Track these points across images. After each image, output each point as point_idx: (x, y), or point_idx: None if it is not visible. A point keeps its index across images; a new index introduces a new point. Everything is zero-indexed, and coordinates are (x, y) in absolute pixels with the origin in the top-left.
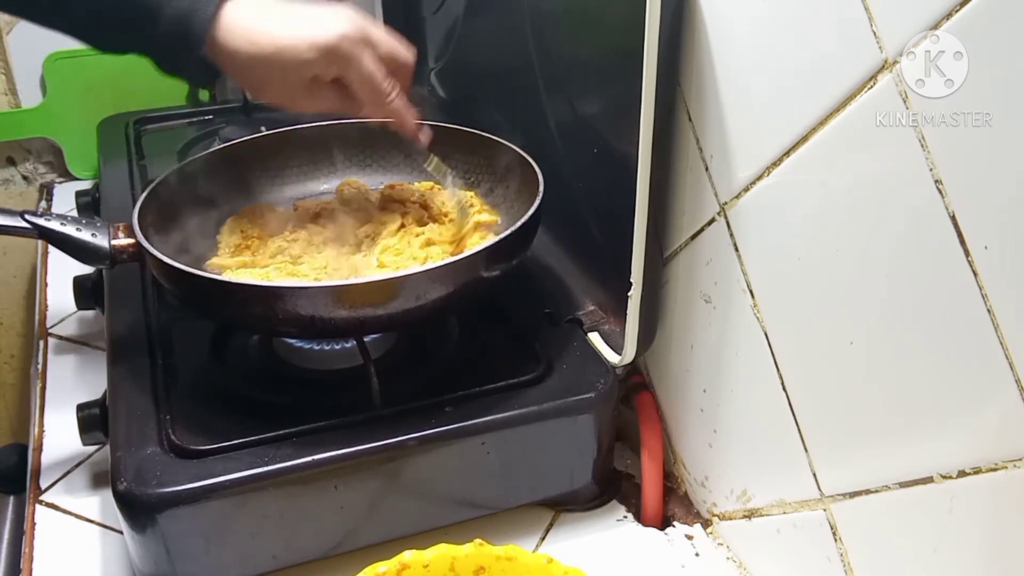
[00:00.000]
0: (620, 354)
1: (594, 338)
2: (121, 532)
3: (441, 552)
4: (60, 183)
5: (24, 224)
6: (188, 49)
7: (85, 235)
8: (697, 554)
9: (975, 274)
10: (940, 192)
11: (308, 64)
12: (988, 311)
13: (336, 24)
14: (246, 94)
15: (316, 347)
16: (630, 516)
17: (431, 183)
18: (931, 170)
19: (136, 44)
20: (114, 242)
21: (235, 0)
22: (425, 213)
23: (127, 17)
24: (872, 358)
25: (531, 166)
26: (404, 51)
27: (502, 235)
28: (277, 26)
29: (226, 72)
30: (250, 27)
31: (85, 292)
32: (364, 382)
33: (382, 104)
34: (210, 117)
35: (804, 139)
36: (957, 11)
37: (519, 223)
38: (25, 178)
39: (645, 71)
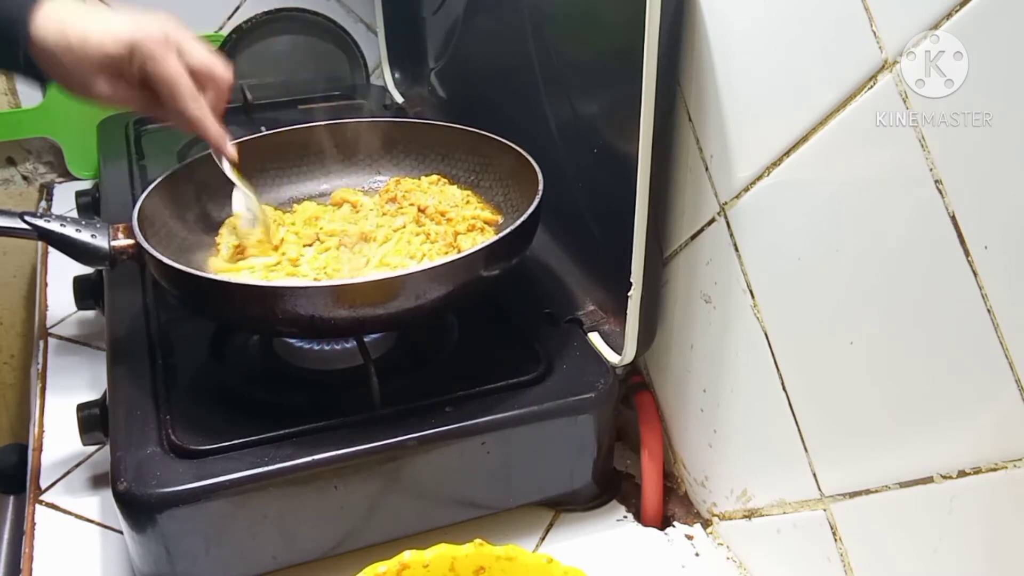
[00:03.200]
0: (620, 354)
1: (594, 338)
2: (121, 532)
3: (441, 552)
4: (60, 183)
5: (24, 225)
6: (12, 45)
7: (85, 236)
8: (697, 554)
9: (975, 274)
10: (940, 192)
11: (110, 56)
12: (988, 311)
13: (145, 24)
14: (246, 94)
15: (316, 347)
16: (630, 516)
17: (437, 177)
18: (931, 170)
19: None
20: (114, 243)
21: (55, 0)
22: (423, 213)
23: None
24: (872, 358)
25: (531, 166)
26: (221, 67)
27: (501, 234)
28: (89, 21)
29: (42, 67)
30: (63, 20)
31: (85, 292)
32: (364, 382)
33: (181, 108)
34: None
35: (804, 139)
36: (957, 11)
37: (519, 222)
38: (25, 178)
39: (645, 71)
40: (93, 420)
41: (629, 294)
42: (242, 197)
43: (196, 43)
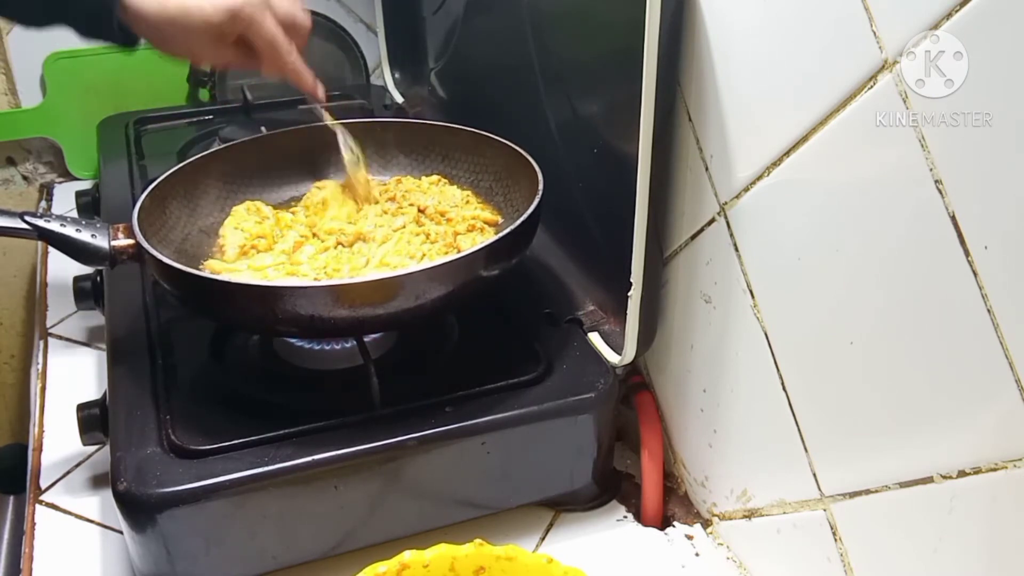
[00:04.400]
0: (620, 354)
1: (594, 338)
2: (121, 532)
3: (441, 552)
4: (60, 183)
5: (24, 225)
6: (106, 13)
7: (85, 236)
8: (697, 554)
9: (975, 274)
10: (940, 192)
11: (213, 24)
12: (988, 311)
13: None
14: (246, 94)
15: (316, 347)
16: (630, 516)
17: (437, 177)
18: (931, 170)
19: (57, 15)
20: (114, 243)
21: None
22: (423, 213)
23: None
24: (872, 358)
25: (531, 165)
26: (301, 14)
27: (501, 234)
28: None
29: (138, 32)
30: None
31: (85, 292)
32: (364, 382)
33: (281, 62)
34: (210, 117)
35: (804, 139)
36: (957, 11)
37: (519, 222)
38: (25, 178)
39: (645, 71)
40: (93, 420)
41: (629, 294)
42: (343, 139)
43: None
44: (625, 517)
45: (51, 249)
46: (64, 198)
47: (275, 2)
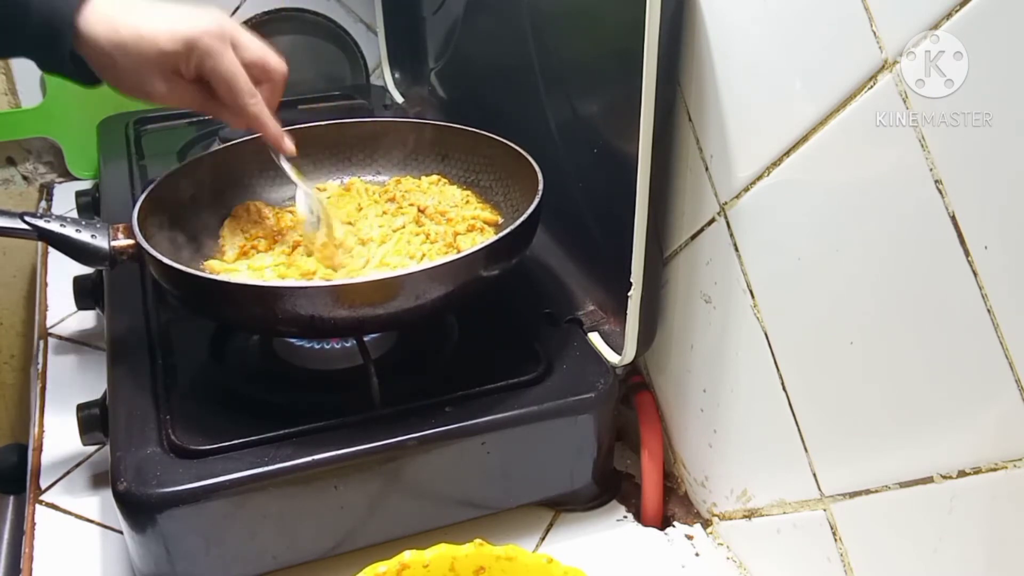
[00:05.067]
0: (620, 354)
1: (594, 338)
2: (121, 532)
3: (441, 552)
4: (60, 183)
5: (24, 226)
6: (59, 45)
7: (85, 236)
8: (697, 554)
9: (975, 274)
10: (940, 192)
11: (167, 54)
12: (988, 311)
13: (200, 20)
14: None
15: (316, 347)
16: (630, 516)
17: (437, 177)
18: (931, 170)
19: (10, 46)
20: (114, 243)
21: None
22: (423, 213)
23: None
24: (872, 358)
25: (531, 165)
26: (275, 60)
27: (501, 233)
28: (140, 17)
29: (91, 63)
30: (113, 17)
31: (85, 292)
32: (364, 382)
33: (241, 106)
34: (210, 117)
35: (804, 139)
36: (957, 11)
37: (518, 221)
38: (25, 178)
39: (645, 71)
40: (93, 420)
41: (629, 294)
42: (304, 197)
43: (249, 37)
44: (625, 517)
45: (51, 249)
46: (64, 198)
47: (241, 41)
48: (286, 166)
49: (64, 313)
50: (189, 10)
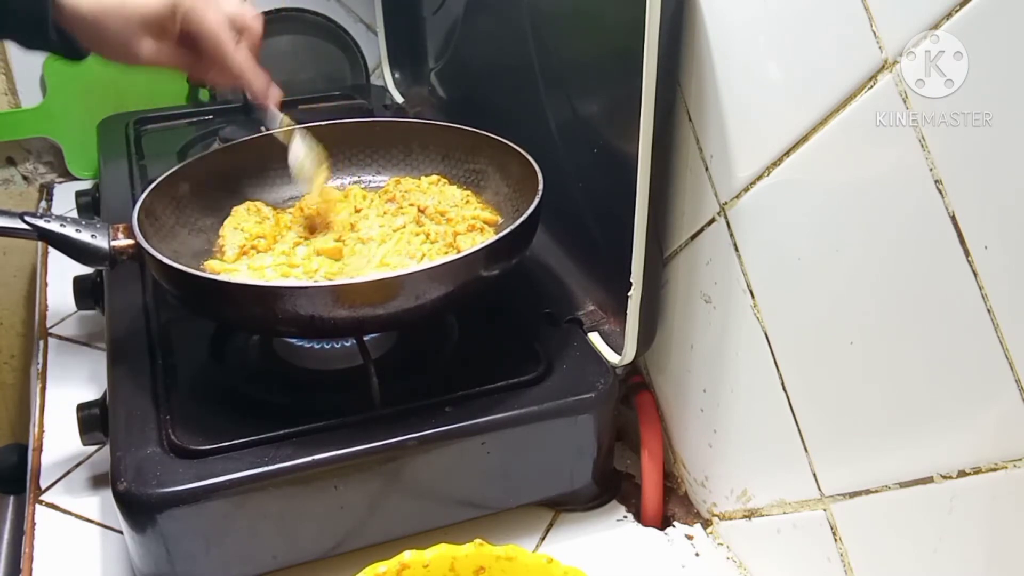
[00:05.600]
0: (620, 354)
1: (594, 338)
2: (121, 532)
3: (441, 552)
4: (60, 183)
5: (24, 226)
6: (41, 19)
7: (85, 236)
8: (697, 554)
9: (975, 274)
10: (940, 192)
11: (152, 14)
12: (988, 311)
13: None
14: (246, 94)
15: (316, 347)
16: (630, 516)
17: (436, 177)
18: (931, 170)
19: None
20: (114, 243)
21: None
22: (423, 213)
23: None
24: (872, 358)
25: (531, 165)
26: (252, 15)
27: (501, 233)
28: None
29: (76, 34)
30: None
31: (85, 292)
32: (364, 382)
33: (226, 59)
34: (210, 117)
35: (804, 139)
36: (957, 11)
37: (519, 221)
38: (25, 178)
39: (645, 71)
40: (93, 420)
41: (629, 294)
42: (296, 149)
43: None
44: (625, 517)
45: (51, 249)
46: (64, 198)
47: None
48: (277, 120)
49: (64, 313)
50: None
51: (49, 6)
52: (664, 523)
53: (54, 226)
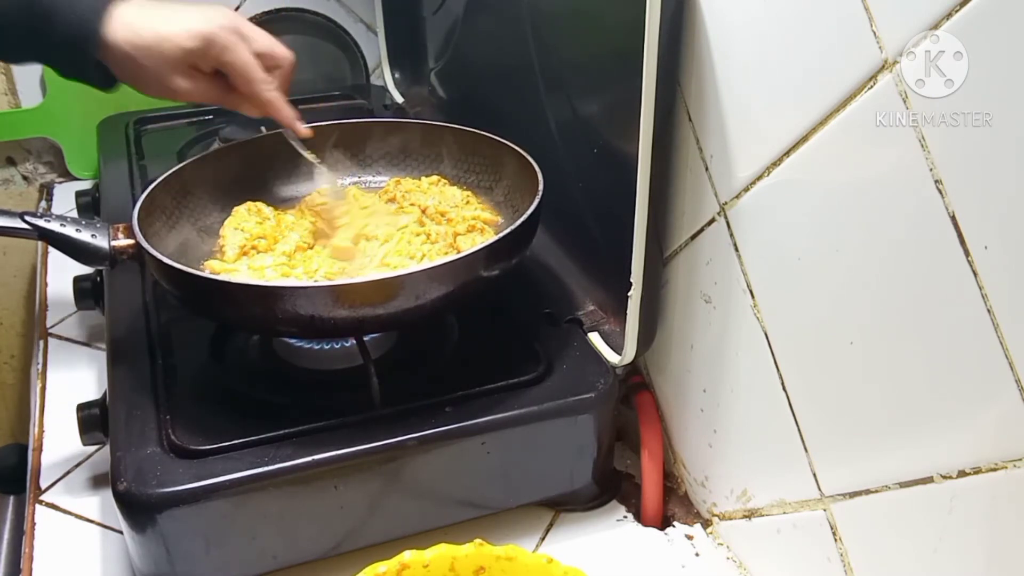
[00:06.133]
0: (620, 354)
1: (594, 338)
2: (121, 532)
3: (441, 552)
4: (60, 183)
5: (24, 225)
6: (83, 52)
7: (85, 236)
8: (697, 554)
9: (975, 274)
10: (940, 192)
11: (187, 52)
12: (988, 311)
13: (214, 17)
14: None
15: (316, 347)
16: (630, 516)
17: (437, 177)
18: (931, 170)
19: (35, 53)
20: (114, 243)
21: (120, 2)
22: (424, 213)
23: (23, 27)
24: (872, 358)
25: (531, 165)
26: (281, 50)
27: (501, 234)
28: (159, 19)
29: (114, 69)
30: (134, 22)
31: (85, 292)
32: (364, 382)
33: (257, 92)
34: (210, 117)
35: (804, 139)
36: (957, 11)
37: (519, 222)
38: (25, 178)
39: (645, 71)
40: (93, 420)
41: (629, 294)
42: (325, 174)
43: (256, 29)
44: (625, 517)
45: (51, 249)
46: (64, 198)
47: (251, 35)
48: (301, 148)
49: (64, 313)
50: (201, 9)
51: (94, 42)
52: (664, 523)
53: (54, 226)
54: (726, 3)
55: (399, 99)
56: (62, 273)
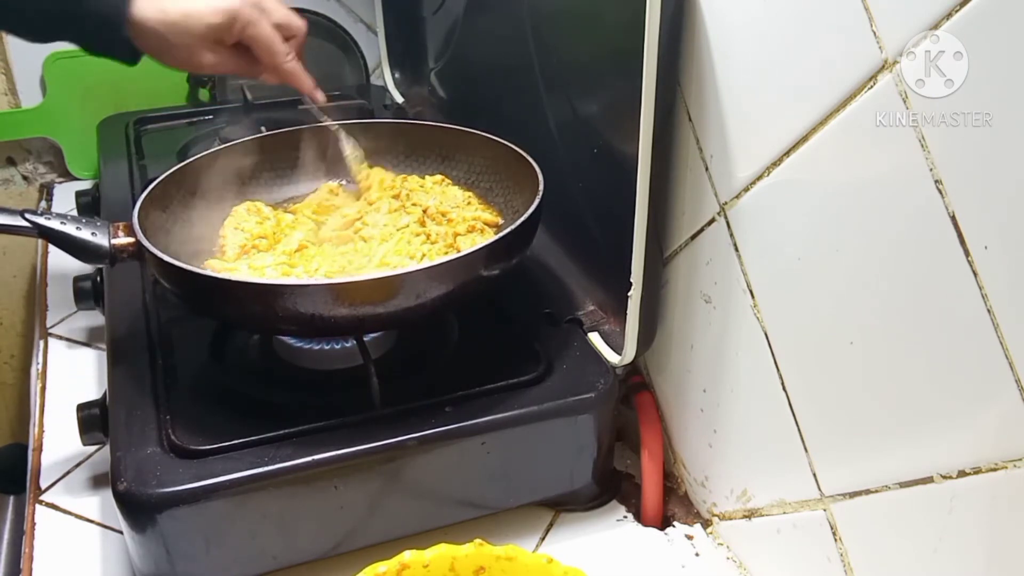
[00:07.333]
0: (620, 354)
1: (594, 338)
2: (121, 532)
3: (441, 552)
4: (60, 183)
5: (24, 223)
6: (114, 30)
7: (85, 234)
8: (697, 554)
9: (975, 274)
10: (940, 192)
11: (213, 27)
12: (988, 311)
13: None
14: (246, 94)
15: (316, 347)
16: (630, 516)
17: (440, 177)
18: (931, 170)
19: (64, 32)
20: (114, 241)
21: None
22: (425, 213)
23: (56, 9)
24: (872, 358)
25: (531, 166)
26: (296, 20)
27: (501, 233)
28: None
29: (141, 45)
30: (161, 0)
31: (85, 292)
32: (364, 382)
33: (279, 63)
34: (210, 117)
35: (804, 139)
36: (957, 11)
37: (519, 222)
38: (25, 178)
39: (645, 71)
40: (93, 420)
41: (629, 294)
42: (345, 139)
43: (273, 2)
44: (625, 517)
45: (51, 249)
46: (64, 198)
47: (269, 7)
48: (324, 117)
49: (64, 313)
50: None
51: (123, 21)
52: (664, 523)
53: (54, 223)
54: (726, 3)
55: (399, 99)
56: (62, 273)
